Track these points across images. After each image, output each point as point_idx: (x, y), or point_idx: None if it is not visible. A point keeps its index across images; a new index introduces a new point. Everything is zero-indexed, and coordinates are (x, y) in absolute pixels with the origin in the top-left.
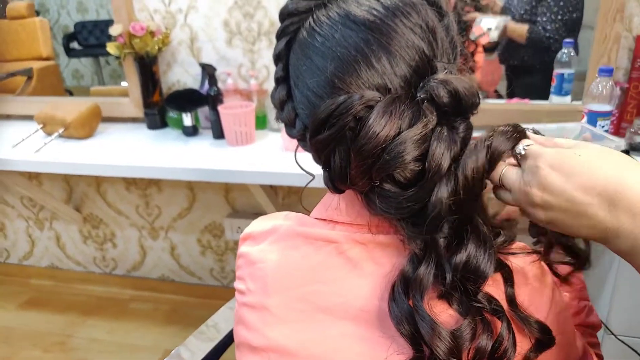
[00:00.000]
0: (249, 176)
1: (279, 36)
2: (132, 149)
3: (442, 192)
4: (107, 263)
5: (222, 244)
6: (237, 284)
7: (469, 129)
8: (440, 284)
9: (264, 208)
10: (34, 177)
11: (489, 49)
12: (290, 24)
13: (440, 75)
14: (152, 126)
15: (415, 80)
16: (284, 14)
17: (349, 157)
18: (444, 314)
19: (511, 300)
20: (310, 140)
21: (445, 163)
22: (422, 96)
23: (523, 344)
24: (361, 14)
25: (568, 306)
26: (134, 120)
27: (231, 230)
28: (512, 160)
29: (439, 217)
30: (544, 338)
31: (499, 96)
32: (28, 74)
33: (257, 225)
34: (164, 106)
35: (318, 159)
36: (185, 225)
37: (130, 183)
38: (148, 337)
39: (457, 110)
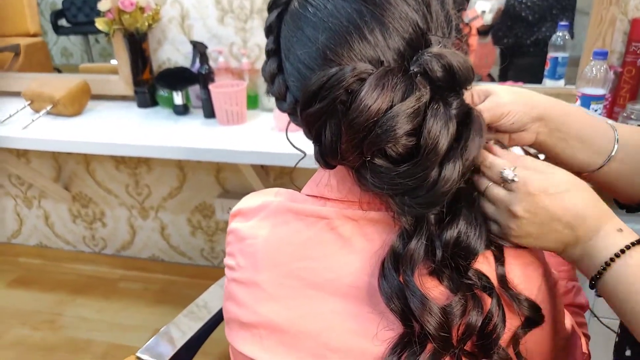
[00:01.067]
0: (239, 156)
1: (270, 8)
2: (122, 127)
3: (452, 171)
4: (97, 242)
5: (213, 224)
6: (227, 260)
7: (462, 105)
8: (430, 260)
9: (255, 188)
10: (22, 155)
11: (482, 32)
12: None
13: (435, 48)
14: (142, 104)
15: (408, 53)
16: None
17: (340, 131)
18: (434, 290)
19: (501, 277)
20: (301, 113)
21: (444, 141)
22: (415, 69)
23: (513, 321)
24: None
25: (558, 285)
26: (123, 98)
27: (222, 210)
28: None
29: (446, 192)
30: (533, 316)
31: (492, 80)
32: (15, 50)
33: (248, 201)
34: (154, 84)
35: (309, 133)
36: (176, 205)
37: (120, 162)
38: (138, 317)
39: (451, 85)
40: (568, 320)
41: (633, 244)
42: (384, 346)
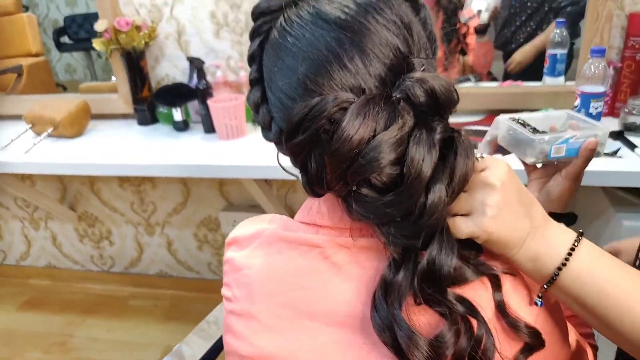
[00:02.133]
0: (241, 170)
1: (251, 36)
2: (124, 147)
3: (441, 194)
4: (105, 261)
5: (219, 237)
6: (224, 291)
7: (447, 129)
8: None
9: (257, 201)
10: (26, 178)
11: (480, 30)
12: (263, 24)
13: (417, 73)
14: (143, 122)
15: (390, 79)
16: (256, 13)
17: (324, 161)
18: (424, 319)
19: (499, 304)
20: (286, 144)
21: (427, 168)
22: (397, 96)
23: (513, 346)
24: (332, 12)
25: (558, 303)
26: (124, 116)
27: (227, 223)
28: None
29: (432, 221)
30: (533, 341)
31: (493, 79)
32: (18, 71)
33: (242, 229)
34: (153, 101)
35: (295, 162)
36: (181, 220)
37: (124, 180)
38: (148, 334)
39: (434, 109)
40: (573, 335)
41: (579, 238)
42: None
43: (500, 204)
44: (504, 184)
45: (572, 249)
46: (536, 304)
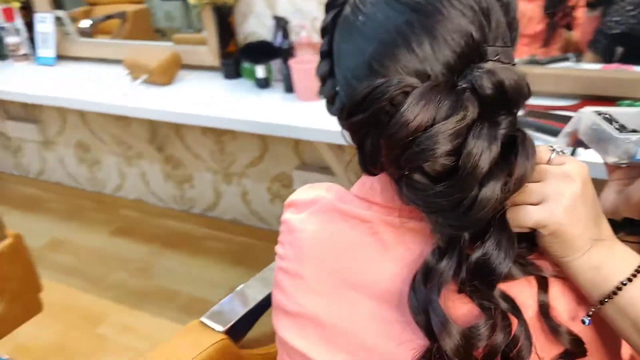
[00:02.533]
0: (315, 133)
1: (327, 8)
2: (208, 98)
3: (495, 191)
4: (185, 202)
5: (290, 194)
6: (278, 248)
7: (513, 125)
8: (458, 279)
9: (329, 163)
10: (122, 119)
11: (591, 4)
12: None
13: (488, 64)
14: (228, 76)
15: (459, 67)
16: None
17: (380, 143)
18: (463, 308)
19: (543, 305)
20: (346, 121)
21: (484, 163)
22: (463, 86)
23: (551, 349)
24: None
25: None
26: (211, 68)
27: (299, 181)
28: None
29: (481, 216)
30: (574, 349)
31: (599, 60)
32: (122, 17)
33: (301, 194)
34: (238, 57)
35: (353, 139)
36: (257, 173)
37: (207, 129)
38: (217, 274)
39: (502, 103)
40: (626, 350)
41: None
42: (408, 355)
43: (577, 197)
44: (584, 181)
45: None
46: (583, 322)
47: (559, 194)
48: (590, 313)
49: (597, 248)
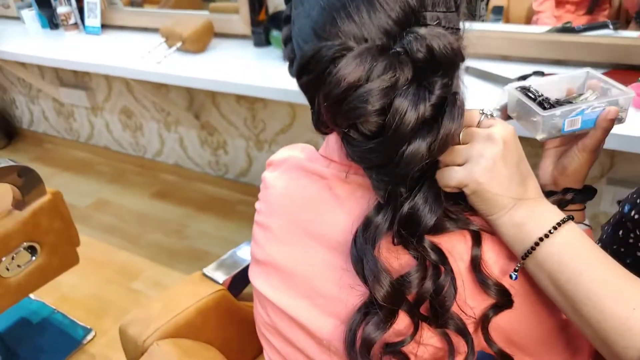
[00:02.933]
0: None
1: None
2: (239, 67)
3: (420, 148)
4: (220, 167)
5: None
6: (256, 204)
7: (446, 86)
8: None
9: None
10: (162, 86)
11: None
12: None
13: (421, 29)
14: (258, 44)
15: (396, 32)
16: None
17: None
18: (402, 259)
19: (474, 259)
20: (298, 82)
21: (409, 120)
22: (397, 49)
23: (483, 300)
24: None
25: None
26: (242, 37)
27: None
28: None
29: (408, 171)
30: (501, 300)
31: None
32: None
33: (279, 153)
34: (268, 25)
35: (306, 99)
36: (287, 140)
37: (241, 97)
38: (248, 237)
39: (434, 67)
40: None
41: (567, 219)
42: (353, 301)
43: (497, 158)
44: (506, 142)
45: (558, 225)
46: (510, 277)
47: (480, 155)
48: (517, 268)
49: (520, 207)
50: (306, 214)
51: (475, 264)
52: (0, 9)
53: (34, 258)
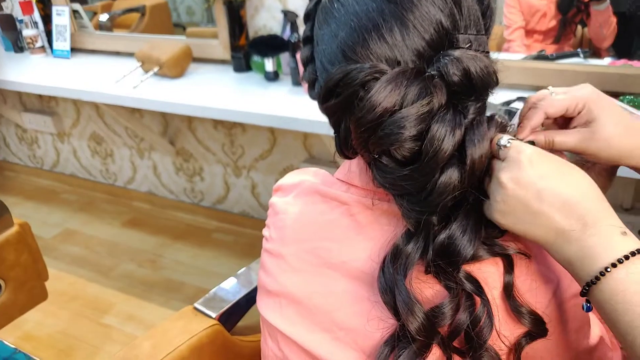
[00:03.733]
0: (322, 126)
1: None
2: (218, 91)
3: (452, 177)
4: (196, 194)
5: None
6: (264, 231)
7: (481, 111)
8: (425, 260)
9: (337, 158)
10: (136, 111)
11: None
12: None
13: (456, 51)
14: (238, 69)
15: (429, 54)
16: None
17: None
18: (430, 289)
19: (507, 286)
20: (321, 106)
21: (447, 147)
22: (432, 72)
23: (516, 328)
24: None
25: (578, 291)
26: (222, 62)
27: None
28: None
29: (440, 201)
30: (535, 329)
31: (615, 56)
32: (141, 11)
33: (288, 178)
34: (248, 50)
35: (330, 123)
36: (266, 166)
37: (218, 122)
38: (226, 266)
39: (469, 90)
40: (596, 328)
41: (638, 251)
42: (380, 333)
43: (508, 202)
44: (519, 183)
45: (620, 261)
46: (583, 308)
47: (493, 197)
48: (586, 298)
49: (565, 243)
50: (324, 241)
51: (509, 291)
52: None
53: None
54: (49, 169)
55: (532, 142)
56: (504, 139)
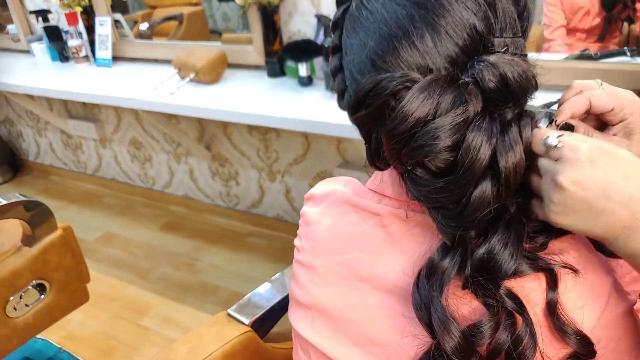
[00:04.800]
0: (356, 132)
1: (337, 3)
2: (253, 97)
3: (487, 190)
4: (231, 199)
5: None
6: (295, 241)
7: (519, 117)
8: (463, 276)
9: None
10: (173, 117)
11: None
12: None
13: (491, 57)
14: (272, 74)
15: (463, 60)
16: None
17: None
18: (468, 306)
19: (550, 303)
20: (351, 116)
21: (483, 157)
22: (466, 79)
23: (560, 348)
24: None
25: (631, 306)
26: (256, 67)
27: None
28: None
29: (477, 216)
30: (582, 350)
31: None
32: (179, 19)
33: (320, 187)
34: (282, 55)
35: (360, 134)
36: (300, 171)
37: (253, 127)
38: (260, 270)
39: (506, 97)
40: None
41: None
42: (414, 350)
43: (569, 203)
44: (581, 184)
45: None
46: None
47: (549, 199)
48: None
49: (630, 236)
50: (356, 253)
51: (552, 309)
52: (10, 43)
53: (42, 296)
54: (91, 174)
55: (568, 126)
56: (552, 137)
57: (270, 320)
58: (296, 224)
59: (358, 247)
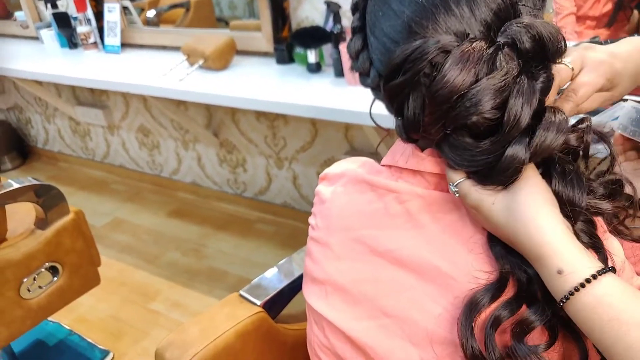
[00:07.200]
0: (365, 118)
1: None
2: (261, 83)
3: (517, 151)
4: (238, 185)
5: None
6: (310, 219)
7: (550, 79)
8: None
9: (379, 149)
10: (181, 104)
11: None
12: None
13: (525, 18)
14: (280, 61)
15: (496, 24)
16: None
17: (423, 104)
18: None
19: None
20: (385, 86)
21: (525, 117)
22: (503, 41)
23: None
24: None
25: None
26: (265, 54)
27: None
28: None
29: (509, 174)
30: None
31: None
32: (186, 6)
33: (335, 167)
34: (291, 42)
35: (391, 106)
36: (307, 157)
37: (260, 114)
38: (267, 256)
39: (541, 57)
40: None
41: (599, 273)
42: (428, 322)
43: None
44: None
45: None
46: None
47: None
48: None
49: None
50: (370, 229)
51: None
52: (19, 29)
53: (55, 279)
54: (99, 160)
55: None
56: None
57: (281, 301)
58: (304, 211)
59: (373, 223)
